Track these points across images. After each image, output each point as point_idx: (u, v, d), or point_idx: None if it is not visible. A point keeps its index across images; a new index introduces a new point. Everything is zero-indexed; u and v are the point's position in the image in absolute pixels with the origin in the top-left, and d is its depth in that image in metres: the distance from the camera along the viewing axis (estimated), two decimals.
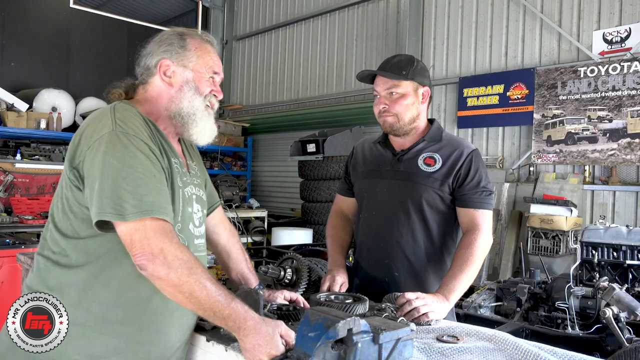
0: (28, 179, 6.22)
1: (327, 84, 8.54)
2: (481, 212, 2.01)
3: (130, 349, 1.44)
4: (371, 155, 2.25)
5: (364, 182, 2.23)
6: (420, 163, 2.08)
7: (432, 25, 7.03)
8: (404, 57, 2.11)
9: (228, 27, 10.52)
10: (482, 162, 2.09)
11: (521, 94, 6.08)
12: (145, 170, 1.38)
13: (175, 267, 1.31)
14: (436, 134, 2.15)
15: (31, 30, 8.30)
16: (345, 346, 1.20)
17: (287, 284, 2.05)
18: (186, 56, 1.58)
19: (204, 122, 1.61)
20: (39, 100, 7.21)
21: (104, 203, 1.33)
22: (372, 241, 2.17)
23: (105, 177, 1.35)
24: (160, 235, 1.33)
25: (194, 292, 1.31)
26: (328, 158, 7.11)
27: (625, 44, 5.40)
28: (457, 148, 2.09)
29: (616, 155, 5.37)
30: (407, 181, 2.08)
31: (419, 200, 2.05)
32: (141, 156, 1.39)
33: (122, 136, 1.39)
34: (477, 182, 2.02)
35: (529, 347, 1.48)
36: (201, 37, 1.64)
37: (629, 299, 2.84)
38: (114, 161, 1.36)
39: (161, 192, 1.39)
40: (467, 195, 2.02)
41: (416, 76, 2.07)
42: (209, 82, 1.61)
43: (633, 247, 3.50)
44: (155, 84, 1.59)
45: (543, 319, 3.30)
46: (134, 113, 1.48)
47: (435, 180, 2.04)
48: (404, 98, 2.06)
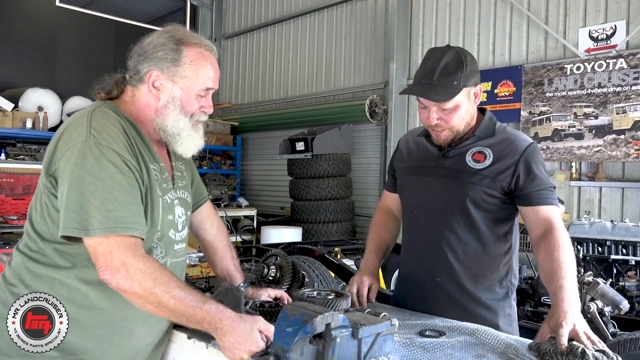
0: (13, 179, 6.15)
1: (316, 82, 8.53)
2: (553, 208, 1.79)
3: (100, 350, 1.45)
4: (417, 150, 2.03)
5: (406, 179, 2.04)
6: (469, 159, 1.86)
7: (420, 23, 7.05)
8: (451, 59, 1.77)
9: (217, 26, 10.48)
10: (541, 157, 1.87)
11: (508, 91, 6.11)
12: (115, 183, 1.35)
13: (139, 280, 1.30)
14: (488, 126, 1.91)
15: (16, 29, 8.22)
16: (323, 341, 1.19)
17: (271, 281, 2.04)
18: (178, 71, 1.49)
19: (189, 140, 1.55)
20: (25, 100, 7.14)
21: (69, 217, 1.32)
22: (413, 243, 2.00)
23: (73, 189, 1.32)
24: (123, 249, 1.32)
25: (161, 302, 1.31)
26: (317, 156, 7.10)
27: (611, 41, 5.44)
28: (511, 142, 1.86)
29: (602, 152, 5.41)
30: (452, 179, 1.87)
31: (464, 199, 1.83)
32: (112, 169, 1.35)
33: (94, 147, 1.35)
34: (541, 179, 1.80)
35: (510, 341, 1.48)
36: (200, 45, 1.53)
37: (613, 293, 2.86)
38: (83, 173, 1.33)
39: (131, 206, 1.37)
40: (531, 193, 1.79)
41: (469, 80, 1.79)
42: (199, 99, 1.54)
43: (617, 242, 3.53)
44: (144, 92, 1.52)
45: (529, 314, 3.32)
46: (112, 121, 1.43)
47: (485, 178, 1.82)
48: (458, 109, 1.80)
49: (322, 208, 7.09)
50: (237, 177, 9.48)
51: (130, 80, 1.54)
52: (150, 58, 1.49)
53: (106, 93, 1.54)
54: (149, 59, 1.50)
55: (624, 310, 2.81)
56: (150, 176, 1.48)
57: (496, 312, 1.86)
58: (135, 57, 1.53)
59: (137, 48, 1.54)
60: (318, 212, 7.10)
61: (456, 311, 1.81)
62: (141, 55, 1.51)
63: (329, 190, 7.12)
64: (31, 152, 6.79)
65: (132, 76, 1.53)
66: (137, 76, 1.52)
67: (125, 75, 1.57)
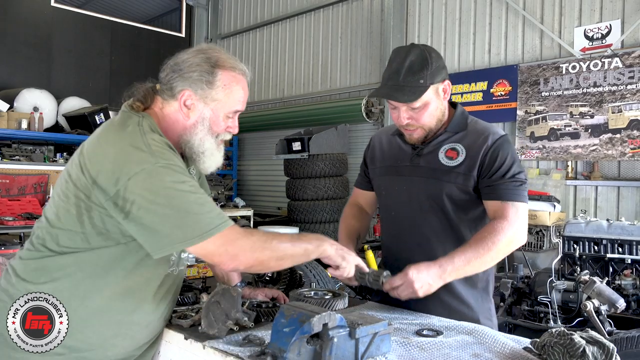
0: (8, 180, 6.13)
1: (312, 82, 8.53)
2: (511, 205, 1.75)
3: (102, 347, 1.50)
4: (391, 149, 2.02)
5: (383, 180, 2.03)
6: (442, 156, 1.85)
7: (416, 22, 7.06)
8: (416, 58, 1.76)
9: (212, 26, 10.47)
10: (512, 149, 1.84)
11: (504, 90, 6.12)
12: (196, 190, 1.44)
13: (256, 255, 1.47)
14: (460, 121, 1.89)
15: (12, 30, 8.19)
16: (321, 341, 1.19)
17: (268, 281, 2.05)
18: (210, 94, 1.53)
19: (211, 159, 1.61)
20: (20, 100, 7.11)
21: (176, 233, 1.38)
22: (394, 244, 2.01)
23: (165, 208, 1.37)
24: (234, 235, 1.45)
25: (281, 258, 1.51)
26: (314, 156, 7.10)
27: (606, 41, 5.46)
28: (482, 135, 1.84)
29: (598, 151, 5.43)
30: (427, 178, 1.86)
31: (440, 197, 1.83)
32: (187, 179, 1.44)
33: (164, 167, 1.41)
34: (505, 172, 1.77)
35: (507, 341, 1.49)
36: (234, 69, 1.57)
37: (609, 292, 2.87)
38: (169, 192, 1.38)
39: (215, 204, 1.52)
40: (493, 186, 1.77)
41: (435, 77, 1.77)
42: (226, 120, 1.59)
43: (613, 240, 3.54)
44: (174, 107, 1.55)
45: (526, 313, 3.33)
46: (164, 142, 1.48)
47: (458, 175, 1.81)
48: (427, 106, 1.80)
49: (318, 208, 7.09)
50: (234, 178, 9.47)
51: (161, 92, 1.57)
52: (185, 77, 1.52)
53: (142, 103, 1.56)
54: (184, 78, 1.52)
55: (620, 308, 2.83)
56: None
57: (476, 307, 1.88)
58: (169, 71, 1.55)
59: (172, 63, 1.56)
60: (315, 212, 7.10)
61: (438, 308, 1.82)
62: (175, 71, 1.54)
63: (326, 190, 7.12)
64: (27, 153, 6.76)
65: (165, 90, 1.56)
66: (169, 92, 1.55)
67: (155, 86, 1.59)
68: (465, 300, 1.87)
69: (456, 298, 1.86)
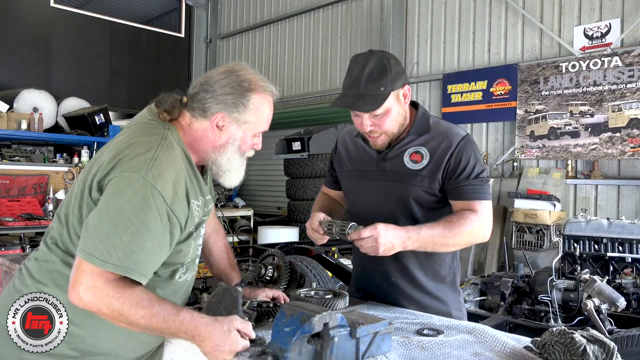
0: (8, 181, 6.12)
1: (311, 81, 8.53)
2: (478, 203, 1.80)
3: (114, 351, 1.50)
4: (357, 152, 2.04)
5: (350, 184, 2.05)
6: (407, 160, 1.88)
7: (415, 22, 7.06)
8: (375, 66, 1.78)
9: (212, 26, 10.46)
10: (475, 149, 1.88)
11: (504, 89, 6.12)
12: (149, 228, 1.35)
13: (106, 303, 1.32)
14: (423, 123, 1.92)
15: (11, 30, 8.19)
16: (321, 341, 1.19)
17: (269, 281, 2.04)
18: (242, 117, 1.54)
19: (236, 175, 1.63)
20: (20, 101, 7.11)
21: (91, 242, 1.32)
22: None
23: (109, 218, 1.33)
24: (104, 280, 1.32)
25: (132, 321, 1.33)
26: (313, 156, 7.10)
27: (606, 39, 5.46)
28: (445, 138, 1.86)
29: (598, 150, 5.43)
30: (393, 182, 1.89)
31: (407, 201, 1.86)
32: (154, 214, 1.36)
33: (148, 187, 1.36)
34: (470, 172, 1.82)
35: (508, 340, 1.49)
36: (266, 91, 1.59)
37: (609, 291, 2.87)
38: (125, 207, 1.33)
39: (154, 255, 1.39)
40: (459, 187, 1.82)
41: (395, 84, 1.80)
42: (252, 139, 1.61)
43: (614, 239, 3.54)
44: (203, 126, 1.54)
45: (526, 312, 3.33)
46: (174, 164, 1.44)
47: (424, 179, 1.84)
48: (389, 113, 1.81)
49: None
50: None
51: (191, 108, 1.55)
52: (220, 100, 1.52)
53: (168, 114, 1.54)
54: (219, 101, 1.52)
55: (620, 307, 2.83)
56: (191, 213, 1.50)
57: (447, 300, 1.95)
58: (200, 90, 1.54)
59: (203, 81, 1.56)
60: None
61: (411, 307, 1.89)
62: (208, 92, 1.53)
63: None
64: (26, 154, 6.75)
65: (196, 108, 1.54)
66: (202, 111, 1.53)
67: (183, 98, 1.57)
68: (435, 295, 1.93)
69: (428, 294, 1.93)
